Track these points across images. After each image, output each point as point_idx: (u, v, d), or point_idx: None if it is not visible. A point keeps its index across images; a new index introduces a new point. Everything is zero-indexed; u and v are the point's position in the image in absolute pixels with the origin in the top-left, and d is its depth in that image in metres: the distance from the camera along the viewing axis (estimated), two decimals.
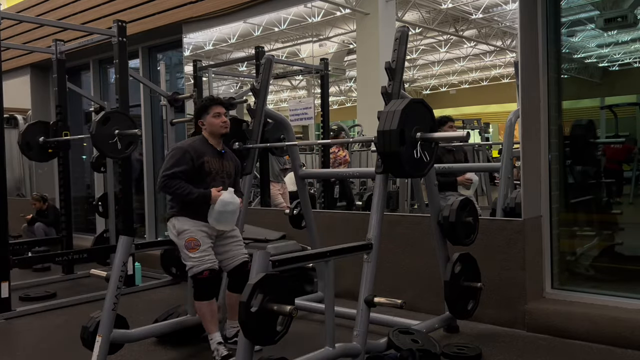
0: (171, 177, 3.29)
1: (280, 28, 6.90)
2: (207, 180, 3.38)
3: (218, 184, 3.41)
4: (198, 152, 3.38)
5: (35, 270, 6.51)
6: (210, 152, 3.44)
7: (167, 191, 3.35)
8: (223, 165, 3.49)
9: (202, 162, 3.36)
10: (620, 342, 3.40)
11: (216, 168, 3.43)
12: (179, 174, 3.30)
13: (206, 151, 3.42)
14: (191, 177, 3.34)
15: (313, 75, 6.62)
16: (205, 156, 3.39)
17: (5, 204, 4.68)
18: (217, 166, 3.45)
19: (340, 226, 4.81)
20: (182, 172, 3.30)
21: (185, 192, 3.28)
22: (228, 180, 3.50)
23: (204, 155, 3.39)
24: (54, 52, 5.86)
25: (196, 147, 3.41)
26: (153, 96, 7.24)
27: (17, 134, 7.27)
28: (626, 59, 4.61)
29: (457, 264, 3.56)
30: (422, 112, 3.05)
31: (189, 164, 3.32)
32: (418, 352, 2.86)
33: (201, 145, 3.44)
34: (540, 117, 4.04)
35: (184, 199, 3.31)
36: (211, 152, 3.45)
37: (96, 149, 5.39)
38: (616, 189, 4.61)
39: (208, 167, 3.39)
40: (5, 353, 3.71)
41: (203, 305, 3.33)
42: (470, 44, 11.30)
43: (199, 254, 3.31)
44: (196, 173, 3.35)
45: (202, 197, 3.30)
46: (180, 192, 3.29)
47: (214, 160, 3.43)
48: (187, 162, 3.32)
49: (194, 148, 3.38)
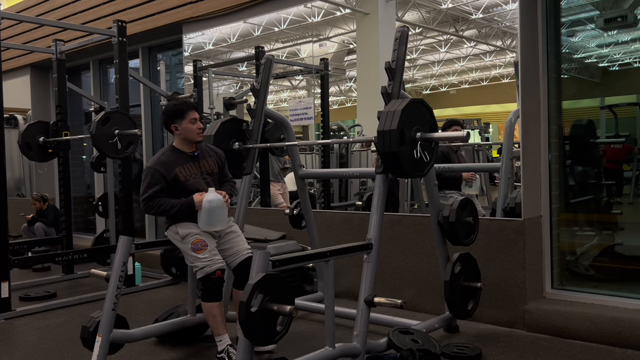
0: (150, 199, 3.27)
1: (280, 28, 6.89)
2: (188, 188, 3.33)
3: (202, 186, 3.38)
4: (167, 166, 3.32)
5: (35, 270, 6.51)
6: (181, 160, 3.38)
7: (151, 212, 3.34)
8: (200, 166, 3.44)
9: (175, 175, 3.31)
10: (620, 342, 3.40)
11: (192, 173, 3.38)
12: (156, 195, 3.27)
13: (176, 161, 3.36)
14: (172, 191, 3.31)
15: (313, 75, 6.62)
16: (177, 167, 3.34)
17: (5, 204, 4.68)
18: (193, 170, 3.39)
19: (340, 226, 4.81)
20: (158, 192, 3.27)
21: (168, 207, 3.26)
22: (211, 177, 3.47)
23: (174, 166, 3.33)
24: (54, 52, 5.86)
25: (164, 161, 3.34)
26: (153, 96, 7.25)
27: (17, 134, 7.28)
28: (626, 59, 4.61)
29: (457, 264, 3.56)
30: (422, 112, 3.05)
31: (161, 182, 3.28)
32: (418, 352, 2.86)
33: (170, 157, 3.37)
34: (540, 117, 4.04)
35: (169, 214, 3.30)
36: (182, 159, 3.39)
37: (96, 149, 5.39)
38: (616, 189, 4.61)
39: (183, 176, 3.34)
40: (5, 353, 3.71)
41: (214, 306, 3.29)
42: (470, 44, 11.30)
43: (207, 254, 3.30)
44: (174, 186, 3.32)
45: (186, 206, 3.28)
46: (164, 209, 3.27)
47: (187, 166, 3.38)
48: (159, 180, 3.28)
49: (162, 163, 3.32)
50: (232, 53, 7.39)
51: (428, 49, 11.30)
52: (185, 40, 6.73)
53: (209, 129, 3.98)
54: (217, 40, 7.09)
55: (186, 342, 3.74)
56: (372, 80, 6.58)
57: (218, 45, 7.16)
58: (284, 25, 6.88)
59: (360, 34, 7.38)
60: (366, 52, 7.10)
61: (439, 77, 13.64)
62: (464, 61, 12.39)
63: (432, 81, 13.81)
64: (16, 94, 8.58)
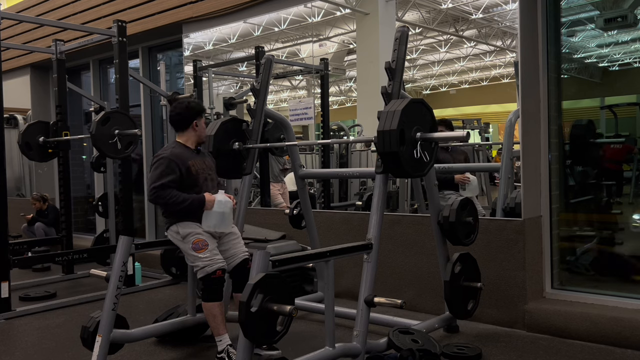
0: (161, 188, 3.26)
1: (280, 28, 6.89)
2: (197, 183, 3.39)
3: (208, 184, 3.46)
4: (181, 158, 3.38)
5: (35, 270, 6.51)
6: (191, 154, 3.47)
7: (160, 202, 3.31)
8: (205, 163, 3.53)
9: (188, 167, 3.38)
10: (620, 342, 3.40)
11: (201, 167, 3.47)
12: (169, 184, 3.28)
13: (187, 155, 3.44)
14: (182, 184, 3.34)
15: (313, 75, 6.62)
16: (189, 160, 3.41)
17: (5, 204, 4.68)
18: (201, 165, 3.48)
19: (340, 226, 4.81)
20: (172, 182, 3.29)
21: (179, 200, 3.27)
22: (213, 174, 3.55)
23: (187, 159, 3.40)
24: (54, 52, 5.86)
25: (177, 153, 3.40)
26: (153, 96, 7.25)
27: (17, 134, 7.28)
28: (626, 59, 4.61)
29: (457, 264, 3.56)
30: (422, 112, 3.05)
31: (176, 172, 3.32)
32: (418, 352, 2.86)
33: (181, 150, 3.45)
34: (540, 117, 4.04)
35: (178, 207, 3.29)
36: (191, 154, 3.48)
37: (96, 149, 5.40)
38: (616, 189, 4.61)
39: (194, 169, 3.41)
40: (5, 353, 3.71)
41: (214, 306, 3.30)
42: (470, 44, 11.29)
43: (208, 254, 3.31)
44: (185, 179, 3.36)
45: (197, 202, 3.31)
46: (174, 202, 3.27)
47: (196, 161, 3.46)
48: (174, 170, 3.31)
49: (176, 155, 3.38)
50: (232, 53, 7.40)
51: (428, 49, 11.29)
52: (185, 40, 6.73)
53: (209, 129, 3.97)
54: (217, 40, 7.09)
55: (186, 342, 3.74)
56: (372, 80, 6.58)
57: (218, 45, 7.16)
58: (284, 25, 6.89)
59: (360, 34, 7.38)
60: (366, 52, 7.10)
61: (439, 77, 13.64)
62: (464, 61, 12.39)
63: (432, 81, 13.80)
64: (16, 94, 8.58)
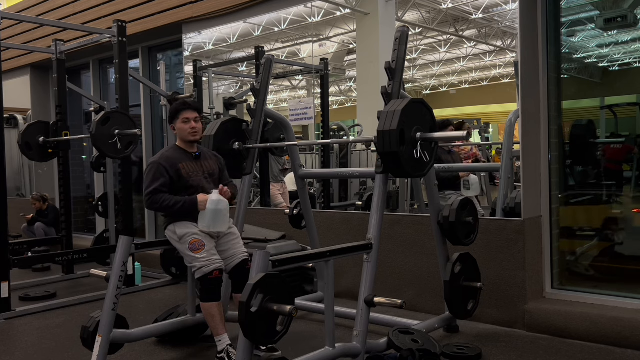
0: (154, 193, 3.29)
1: (280, 28, 6.89)
2: (190, 184, 3.38)
3: (206, 185, 3.42)
4: (170, 161, 3.37)
5: (35, 270, 6.51)
6: (184, 157, 3.44)
7: (154, 207, 3.34)
8: (202, 166, 3.49)
9: (178, 169, 3.36)
10: (620, 342, 3.40)
11: (194, 170, 3.43)
12: (160, 188, 3.30)
13: (179, 157, 3.42)
14: (174, 187, 3.35)
15: (313, 75, 6.62)
16: (180, 162, 3.39)
17: (5, 204, 4.68)
18: (195, 168, 3.45)
19: (340, 226, 4.81)
20: (162, 186, 3.30)
21: (171, 203, 3.29)
22: (211, 178, 3.51)
23: (177, 162, 3.39)
24: (54, 52, 5.86)
25: (168, 156, 3.40)
26: (153, 96, 7.25)
27: (17, 134, 7.28)
28: (626, 59, 4.61)
29: (457, 264, 3.56)
30: (422, 112, 3.05)
31: (165, 176, 3.32)
32: (418, 352, 2.86)
33: (173, 153, 3.44)
34: (540, 117, 4.04)
35: (172, 210, 3.31)
36: (185, 157, 3.45)
37: (96, 149, 5.39)
38: (616, 189, 4.61)
39: (185, 172, 3.39)
40: (5, 353, 3.71)
41: (213, 306, 3.30)
42: (470, 44, 11.29)
43: (205, 254, 3.31)
44: (176, 182, 3.35)
45: (189, 203, 3.30)
46: (167, 205, 3.29)
47: (190, 164, 3.43)
48: (163, 174, 3.32)
49: (165, 158, 3.38)
50: (232, 53, 7.39)
51: (428, 49, 11.29)
52: (185, 40, 6.73)
53: (209, 129, 3.98)
54: (217, 40, 7.09)
55: (186, 342, 3.74)
56: (372, 80, 6.57)
57: (218, 45, 7.16)
58: (284, 25, 6.88)
59: (360, 34, 7.37)
60: (366, 52, 7.09)
61: (439, 77, 13.63)
62: (464, 61, 12.38)
63: (432, 81, 13.80)
64: (16, 94, 8.58)
